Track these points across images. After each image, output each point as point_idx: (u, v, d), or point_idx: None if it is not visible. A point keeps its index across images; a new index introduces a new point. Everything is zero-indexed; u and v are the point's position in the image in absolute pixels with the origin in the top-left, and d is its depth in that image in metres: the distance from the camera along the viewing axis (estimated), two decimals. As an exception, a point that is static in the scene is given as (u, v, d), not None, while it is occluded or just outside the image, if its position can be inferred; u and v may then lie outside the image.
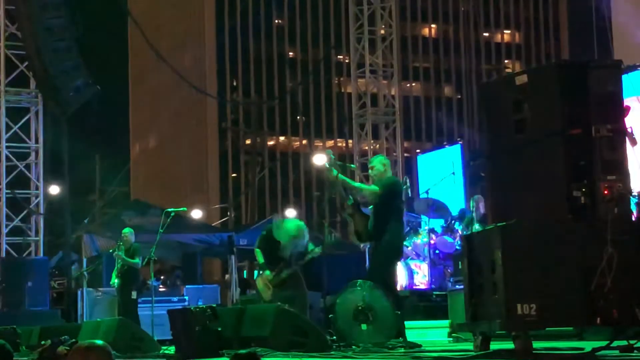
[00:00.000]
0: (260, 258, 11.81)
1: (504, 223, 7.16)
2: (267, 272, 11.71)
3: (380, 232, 10.22)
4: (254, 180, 48.16)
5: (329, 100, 69.70)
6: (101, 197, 40.68)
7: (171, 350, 11.28)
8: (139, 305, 16.14)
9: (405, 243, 15.70)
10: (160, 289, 19.80)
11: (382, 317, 9.59)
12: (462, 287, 8.59)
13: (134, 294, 16.17)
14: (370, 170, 10.60)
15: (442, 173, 17.50)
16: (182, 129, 67.84)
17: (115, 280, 16.36)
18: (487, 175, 8.09)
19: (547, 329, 7.63)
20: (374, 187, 10.43)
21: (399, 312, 9.66)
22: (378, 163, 10.55)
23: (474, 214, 14.52)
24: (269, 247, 11.83)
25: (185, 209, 21.68)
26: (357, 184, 11.17)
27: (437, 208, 15.56)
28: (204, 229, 22.69)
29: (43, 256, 19.31)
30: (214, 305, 10.65)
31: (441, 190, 16.86)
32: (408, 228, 15.91)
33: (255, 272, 11.77)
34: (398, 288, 15.02)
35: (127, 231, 16.36)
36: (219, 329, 9.75)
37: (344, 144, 62.24)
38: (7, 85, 19.65)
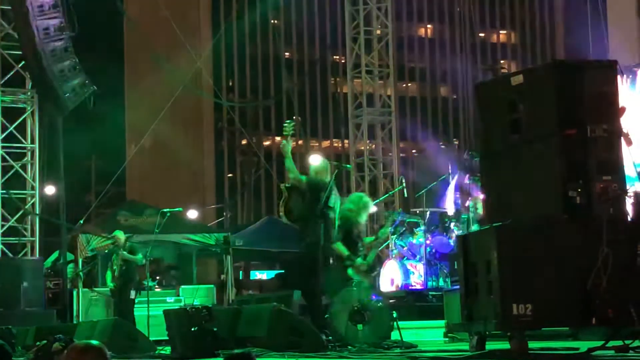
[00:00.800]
0: (344, 250, 10.79)
1: (500, 223, 7.17)
2: (359, 260, 10.78)
3: (303, 234, 10.28)
4: (250, 180, 48.05)
5: (325, 100, 69.63)
6: (97, 198, 40.58)
7: (167, 350, 11.27)
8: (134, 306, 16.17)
9: (400, 243, 15.71)
10: (156, 289, 19.78)
11: (378, 318, 9.60)
12: (458, 287, 8.59)
13: (132, 293, 16.18)
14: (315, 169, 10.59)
15: (438, 173, 17.48)
16: (178, 129, 67.72)
17: (110, 282, 16.37)
18: (483, 175, 8.10)
19: (543, 329, 7.64)
20: (301, 176, 10.45)
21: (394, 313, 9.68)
22: (320, 165, 10.61)
23: (471, 215, 14.51)
24: (346, 232, 11.03)
25: (180, 209, 21.65)
26: (289, 164, 10.64)
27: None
28: (199, 229, 22.63)
29: (38, 256, 19.28)
30: (210, 306, 10.65)
31: (437, 190, 16.85)
32: (403, 229, 15.90)
33: (349, 268, 10.92)
34: (394, 288, 15.08)
35: (117, 233, 16.59)
36: (215, 329, 9.75)
37: (340, 144, 62.24)
38: (3, 86, 19.60)
